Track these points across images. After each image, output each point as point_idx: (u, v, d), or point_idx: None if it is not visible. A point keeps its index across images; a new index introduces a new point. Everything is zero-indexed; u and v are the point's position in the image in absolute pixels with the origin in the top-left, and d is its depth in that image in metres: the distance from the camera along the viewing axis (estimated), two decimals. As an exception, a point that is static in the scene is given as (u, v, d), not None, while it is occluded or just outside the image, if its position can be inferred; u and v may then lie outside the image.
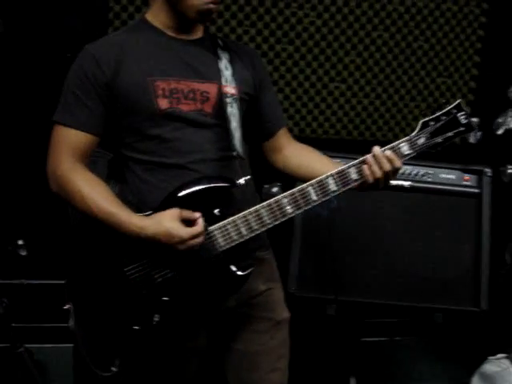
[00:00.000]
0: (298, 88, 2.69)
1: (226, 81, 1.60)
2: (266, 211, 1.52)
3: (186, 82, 1.56)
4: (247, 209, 1.53)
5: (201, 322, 1.64)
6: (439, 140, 1.48)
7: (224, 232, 1.52)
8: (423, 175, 2.40)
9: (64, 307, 1.61)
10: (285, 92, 2.68)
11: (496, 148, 2.73)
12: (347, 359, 2.54)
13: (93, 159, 1.61)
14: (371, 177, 1.52)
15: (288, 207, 1.52)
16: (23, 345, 2.23)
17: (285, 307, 1.76)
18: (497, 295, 2.51)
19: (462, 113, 1.48)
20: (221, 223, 1.52)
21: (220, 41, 1.69)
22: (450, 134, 1.48)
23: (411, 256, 2.34)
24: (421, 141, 1.49)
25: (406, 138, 1.50)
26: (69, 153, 1.53)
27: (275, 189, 2.36)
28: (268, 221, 1.52)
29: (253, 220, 1.52)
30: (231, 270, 1.55)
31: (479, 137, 2.13)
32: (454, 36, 2.75)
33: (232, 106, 1.59)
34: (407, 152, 1.50)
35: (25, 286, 2.56)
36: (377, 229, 2.35)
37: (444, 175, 2.41)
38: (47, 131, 1.60)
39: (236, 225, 1.52)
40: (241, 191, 1.58)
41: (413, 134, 1.49)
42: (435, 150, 1.49)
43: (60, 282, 2.49)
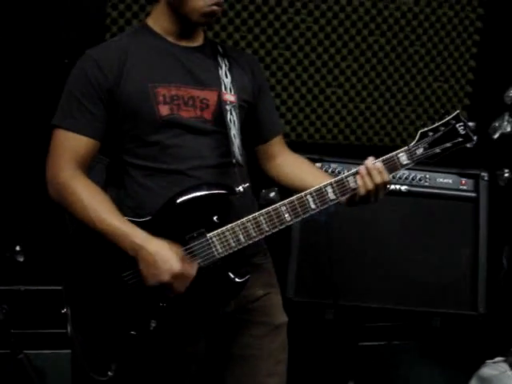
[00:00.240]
0: (295, 93, 2.70)
1: (226, 88, 1.60)
2: (265, 219, 1.52)
3: (187, 89, 1.57)
4: (246, 216, 1.53)
5: (199, 328, 1.64)
6: (437, 150, 1.49)
7: (222, 239, 1.53)
8: (420, 179, 2.41)
9: (62, 311, 1.61)
10: (282, 97, 2.69)
11: (492, 152, 2.74)
12: (345, 363, 2.54)
13: (90, 164, 1.61)
14: (363, 188, 1.53)
15: (286, 215, 1.52)
16: (23, 351, 2.23)
17: (283, 312, 1.76)
18: (494, 299, 2.52)
19: (461, 123, 1.48)
20: (219, 230, 1.53)
21: (220, 47, 1.69)
22: (449, 145, 1.49)
23: (409, 260, 2.35)
24: (419, 151, 1.49)
25: (405, 148, 1.50)
26: (69, 158, 1.53)
27: (272, 193, 2.37)
28: (266, 228, 1.53)
29: (251, 227, 1.52)
30: (229, 277, 1.55)
31: (475, 141, 2.14)
32: (450, 41, 2.76)
33: (231, 114, 1.60)
34: (406, 162, 1.51)
35: (22, 292, 2.56)
36: (374, 233, 2.36)
37: (441, 179, 2.42)
38: (45, 136, 1.59)
39: (234, 232, 1.52)
40: (239, 198, 1.58)
41: (411, 144, 1.50)
42: (433, 161, 1.49)
43: (57, 288, 2.50)
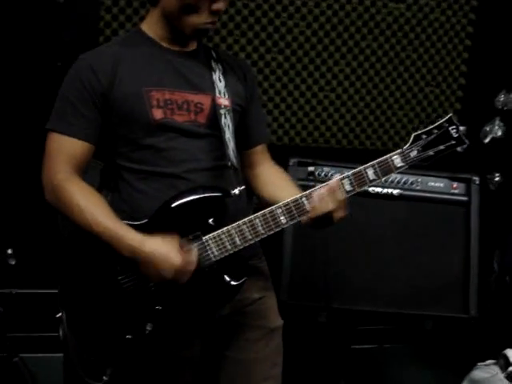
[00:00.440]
0: (288, 97, 2.71)
1: (220, 92, 1.61)
2: (261, 221, 1.53)
3: (181, 93, 1.58)
4: (241, 219, 1.54)
5: (195, 331, 1.64)
6: (431, 153, 1.51)
7: (218, 242, 1.53)
8: (412, 183, 2.42)
9: (57, 315, 1.61)
10: (275, 101, 2.70)
11: (483, 156, 2.76)
12: (338, 366, 2.55)
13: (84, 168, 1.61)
14: (314, 212, 1.53)
15: (282, 218, 1.53)
16: (18, 354, 2.21)
17: (278, 315, 1.77)
18: (486, 302, 2.54)
19: (454, 126, 1.50)
20: (215, 233, 1.53)
21: (214, 52, 1.70)
22: (442, 148, 1.51)
23: (401, 263, 2.36)
24: (413, 153, 1.51)
25: (399, 151, 1.52)
26: (65, 162, 1.53)
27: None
28: (262, 231, 1.53)
29: (247, 230, 1.53)
30: (225, 280, 1.55)
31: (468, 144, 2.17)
32: (442, 46, 2.78)
33: (226, 117, 1.61)
34: (400, 164, 1.52)
35: (14, 296, 2.55)
36: (367, 237, 2.37)
37: (432, 183, 2.44)
38: (37, 140, 1.59)
39: (230, 235, 1.53)
40: (235, 201, 1.59)
41: (405, 147, 1.51)
42: (427, 163, 1.51)
43: (49, 292, 2.50)
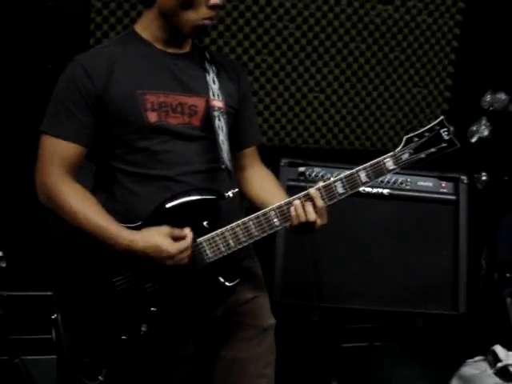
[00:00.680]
0: (278, 98, 2.73)
1: (214, 94, 1.62)
2: (254, 223, 1.54)
3: (175, 96, 1.58)
4: (234, 221, 1.55)
5: (189, 331, 1.65)
6: (422, 156, 1.52)
7: (212, 244, 1.54)
8: (402, 183, 2.45)
9: (52, 317, 1.62)
10: (265, 102, 2.72)
11: (470, 156, 2.80)
12: (330, 365, 2.57)
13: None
14: (296, 219, 1.53)
15: (275, 220, 1.54)
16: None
17: (271, 314, 1.78)
18: (475, 299, 2.57)
19: (445, 129, 1.51)
20: (209, 235, 1.54)
21: (207, 54, 1.70)
22: (433, 150, 1.52)
23: (391, 262, 2.39)
24: (405, 156, 1.52)
25: (391, 154, 1.53)
26: (58, 164, 1.53)
27: None
28: (256, 233, 1.54)
29: (241, 232, 1.54)
30: (219, 281, 1.56)
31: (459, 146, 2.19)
32: (429, 47, 2.81)
33: (219, 120, 1.61)
34: (392, 167, 1.53)
35: (5, 298, 2.54)
36: (357, 236, 2.40)
37: (422, 183, 2.47)
38: (28, 141, 1.59)
39: (224, 237, 1.54)
40: (228, 203, 1.59)
41: (397, 150, 1.52)
42: (418, 166, 1.52)
43: (41, 294, 2.50)
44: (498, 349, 2.39)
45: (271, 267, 2.30)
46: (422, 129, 1.51)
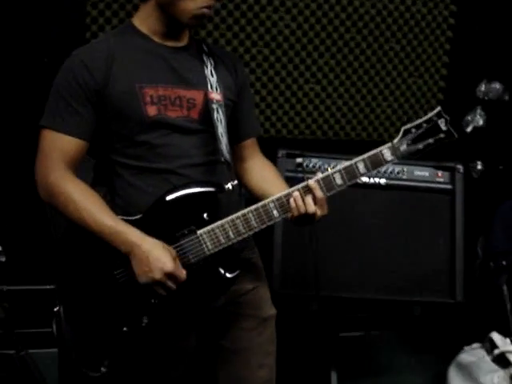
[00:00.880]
0: (274, 90, 2.74)
1: (212, 87, 1.62)
2: (254, 215, 1.55)
3: (173, 89, 1.58)
4: (234, 213, 1.56)
5: (190, 323, 1.66)
6: (420, 146, 1.53)
7: (212, 236, 1.55)
8: (398, 173, 2.47)
9: (54, 309, 1.63)
10: (261, 94, 2.72)
11: (465, 145, 2.81)
12: (329, 354, 2.58)
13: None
14: (296, 211, 1.54)
15: (275, 211, 1.55)
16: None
17: (271, 305, 1.79)
18: (471, 287, 2.59)
19: (442, 120, 1.52)
20: (209, 227, 1.55)
21: (205, 46, 1.70)
22: (431, 141, 1.52)
23: (388, 251, 2.41)
24: (403, 147, 1.53)
25: (389, 145, 1.53)
26: (60, 159, 1.53)
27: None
28: (255, 224, 1.55)
29: (240, 224, 1.55)
30: (220, 273, 1.58)
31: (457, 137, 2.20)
32: (424, 37, 2.83)
33: (218, 112, 1.62)
34: (390, 158, 1.54)
35: (5, 293, 2.55)
36: (354, 226, 2.42)
37: (418, 172, 2.49)
38: (26, 136, 1.59)
39: (224, 228, 1.55)
40: (228, 196, 1.61)
41: (395, 141, 1.53)
42: (416, 156, 1.53)
43: (41, 288, 2.51)
44: (495, 336, 2.41)
45: (270, 258, 2.32)
46: (420, 120, 1.52)
